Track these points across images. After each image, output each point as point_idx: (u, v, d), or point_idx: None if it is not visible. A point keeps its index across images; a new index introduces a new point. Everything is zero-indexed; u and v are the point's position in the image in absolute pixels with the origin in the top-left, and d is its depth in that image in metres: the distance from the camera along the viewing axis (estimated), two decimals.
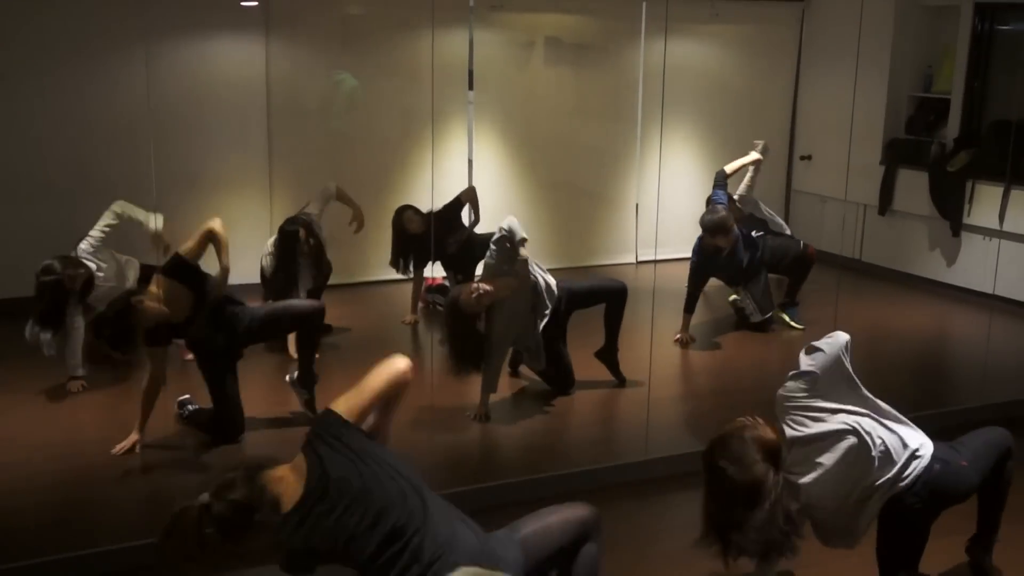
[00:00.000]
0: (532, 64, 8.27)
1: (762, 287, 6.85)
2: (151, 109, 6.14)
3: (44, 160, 6.72)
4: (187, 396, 5.10)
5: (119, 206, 5.70)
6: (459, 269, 6.89)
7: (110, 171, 6.70)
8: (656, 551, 4.03)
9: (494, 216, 8.23)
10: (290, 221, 6.07)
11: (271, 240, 6.25)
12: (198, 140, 7.06)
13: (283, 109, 7.34)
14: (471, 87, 7.96)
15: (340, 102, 7.68)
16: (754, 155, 7.22)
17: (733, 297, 7.18)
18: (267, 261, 6.22)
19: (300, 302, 5.33)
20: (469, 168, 8.08)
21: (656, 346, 5.87)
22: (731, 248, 6.58)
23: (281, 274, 6.00)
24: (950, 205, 7.80)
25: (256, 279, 7.36)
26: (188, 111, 6.98)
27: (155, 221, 5.61)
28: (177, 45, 6.93)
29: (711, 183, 9.25)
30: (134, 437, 4.65)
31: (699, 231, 6.68)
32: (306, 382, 5.00)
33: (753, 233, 6.91)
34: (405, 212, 6.81)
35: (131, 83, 6.53)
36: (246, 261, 7.27)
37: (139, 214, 5.69)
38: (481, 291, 4.97)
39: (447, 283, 7.08)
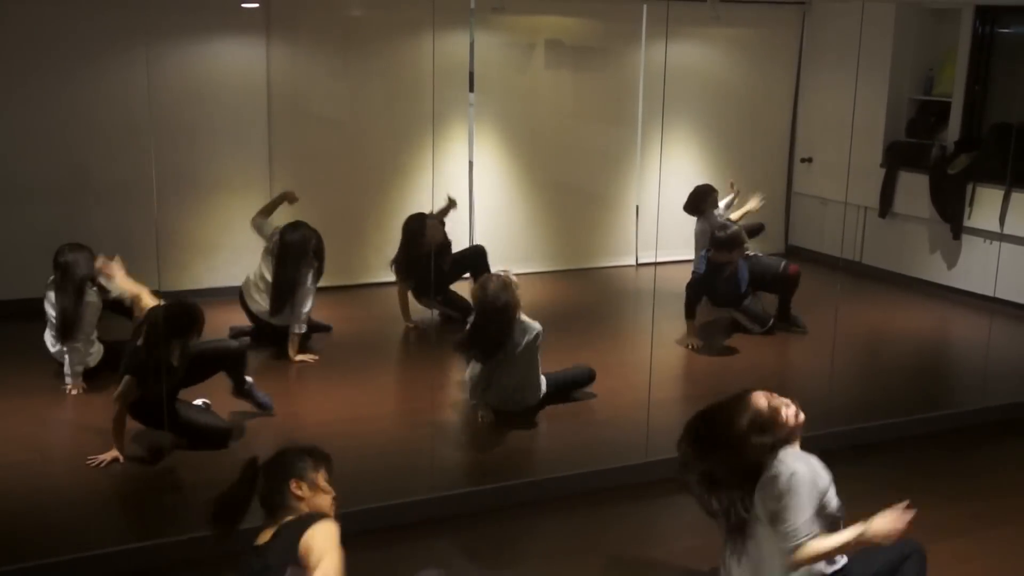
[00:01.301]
0: (533, 66, 8.27)
1: (753, 304, 6.89)
2: (152, 111, 6.15)
3: (45, 162, 6.72)
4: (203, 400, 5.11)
5: None
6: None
7: (111, 173, 6.71)
8: (656, 554, 4.02)
9: (494, 218, 8.25)
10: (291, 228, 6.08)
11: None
12: (199, 142, 7.06)
13: (284, 111, 7.34)
14: (472, 89, 7.95)
15: None
16: (753, 204, 7.49)
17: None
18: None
19: (219, 342, 5.17)
20: (470, 170, 8.07)
21: (656, 348, 5.87)
22: (734, 268, 6.60)
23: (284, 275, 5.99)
24: (951, 208, 7.80)
25: None
26: (189, 113, 6.98)
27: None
28: (178, 47, 6.92)
29: (712, 185, 9.27)
30: (113, 454, 4.55)
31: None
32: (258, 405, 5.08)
33: (748, 252, 6.93)
34: (429, 222, 6.61)
35: (132, 85, 6.52)
36: (247, 262, 7.28)
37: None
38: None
39: None
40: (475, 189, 8.11)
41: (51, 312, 5.48)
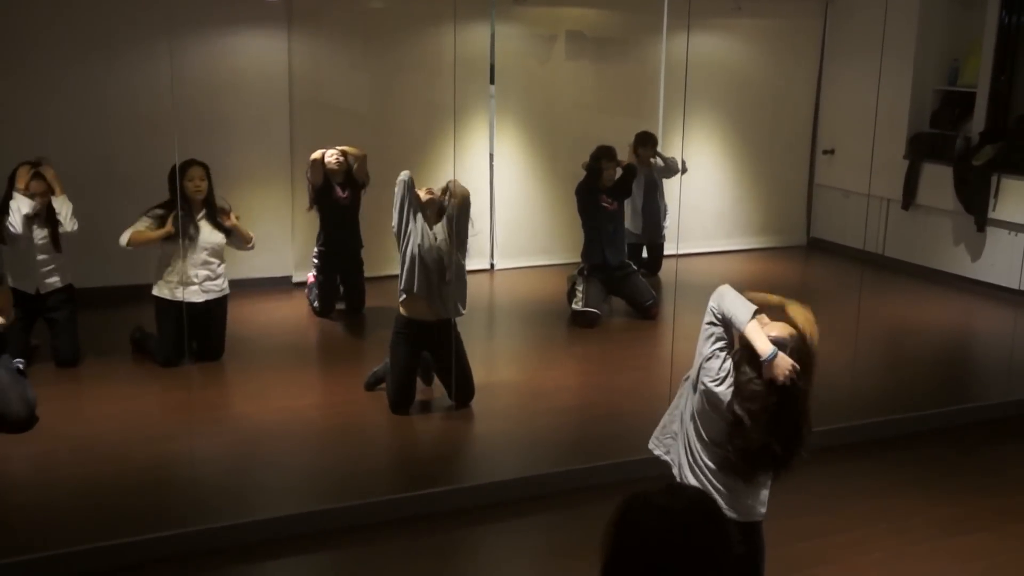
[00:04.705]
0: (553, 58, 8.25)
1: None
2: (175, 103, 6.17)
3: (69, 154, 6.75)
4: None
5: None
6: None
7: (135, 165, 6.74)
8: None
9: (514, 210, 8.26)
10: None
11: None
12: (221, 134, 7.09)
13: (305, 103, 7.35)
14: (492, 81, 7.96)
15: None
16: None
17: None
18: None
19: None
20: (490, 162, 8.08)
21: (679, 340, 5.86)
22: None
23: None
24: (975, 200, 7.73)
25: (280, 272, 7.45)
26: (211, 105, 7.01)
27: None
28: (201, 40, 6.96)
29: (733, 177, 9.26)
30: None
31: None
32: None
33: None
34: None
35: (155, 77, 6.56)
36: (270, 254, 7.33)
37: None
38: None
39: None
40: (496, 181, 8.12)
41: None
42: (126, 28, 6.73)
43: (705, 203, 8.64)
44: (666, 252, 7.96)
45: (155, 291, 5.70)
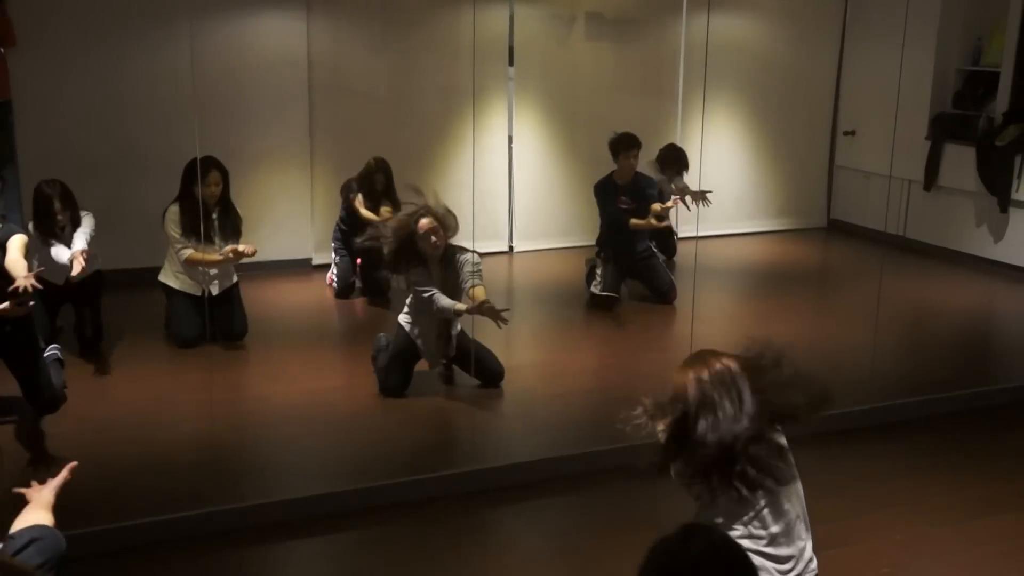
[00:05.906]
0: (573, 39, 8.22)
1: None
2: (195, 86, 6.19)
3: (89, 137, 6.80)
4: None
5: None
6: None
7: (156, 147, 6.78)
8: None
9: (533, 192, 8.25)
10: None
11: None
12: (240, 116, 7.11)
13: (324, 85, 7.36)
14: (511, 63, 7.93)
15: None
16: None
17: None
18: None
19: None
20: (509, 145, 8.07)
21: (698, 323, 5.85)
22: None
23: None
24: (998, 180, 7.67)
25: (300, 255, 7.47)
26: (231, 87, 7.02)
27: None
28: (220, 22, 6.96)
29: (753, 158, 9.22)
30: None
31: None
32: None
33: None
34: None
35: (176, 60, 6.58)
36: (290, 237, 7.37)
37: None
38: None
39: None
40: (515, 163, 8.11)
41: None
42: (147, 10, 6.75)
43: (724, 185, 8.60)
44: (685, 235, 7.92)
45: (161, 278, 5.80)
